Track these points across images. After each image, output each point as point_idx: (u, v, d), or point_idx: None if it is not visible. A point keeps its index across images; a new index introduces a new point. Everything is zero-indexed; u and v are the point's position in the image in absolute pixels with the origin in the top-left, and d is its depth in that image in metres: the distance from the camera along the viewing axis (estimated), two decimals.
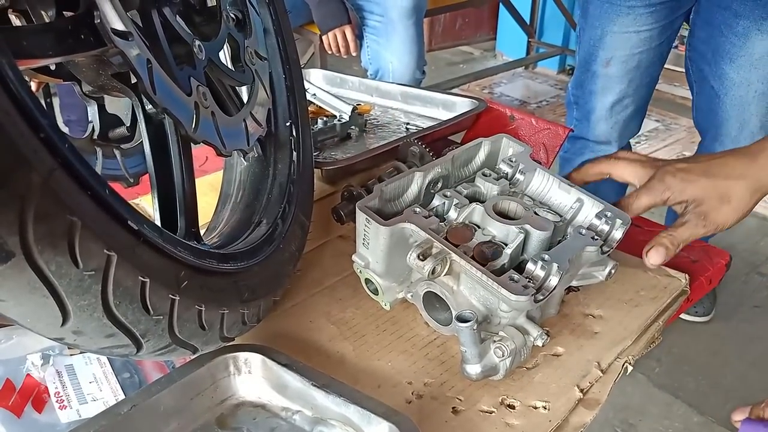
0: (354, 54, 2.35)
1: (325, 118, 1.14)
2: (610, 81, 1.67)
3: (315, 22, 2.33)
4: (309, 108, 1.18)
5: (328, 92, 1.24)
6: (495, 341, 0.65)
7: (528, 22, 4.22)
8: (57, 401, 0.64)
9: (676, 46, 4.08)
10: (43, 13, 0.55)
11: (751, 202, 0.72)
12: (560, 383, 0.68)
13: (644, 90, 1.71)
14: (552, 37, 4.29)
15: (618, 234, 0.72)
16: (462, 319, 0.62)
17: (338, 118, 1.15)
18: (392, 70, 2.31)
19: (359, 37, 2.35)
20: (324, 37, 2.30)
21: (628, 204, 0.77)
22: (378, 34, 2.30)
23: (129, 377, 0.67)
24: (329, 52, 2.37)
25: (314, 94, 1.23)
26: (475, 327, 0.62)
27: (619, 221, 0.72)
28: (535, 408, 0.65)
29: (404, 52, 2.27)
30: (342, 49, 2.30)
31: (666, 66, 1.77)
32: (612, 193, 1.98)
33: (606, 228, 0.72)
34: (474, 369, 0.64)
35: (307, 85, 1.22)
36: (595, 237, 0.70)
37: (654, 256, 0.74)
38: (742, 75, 1.48)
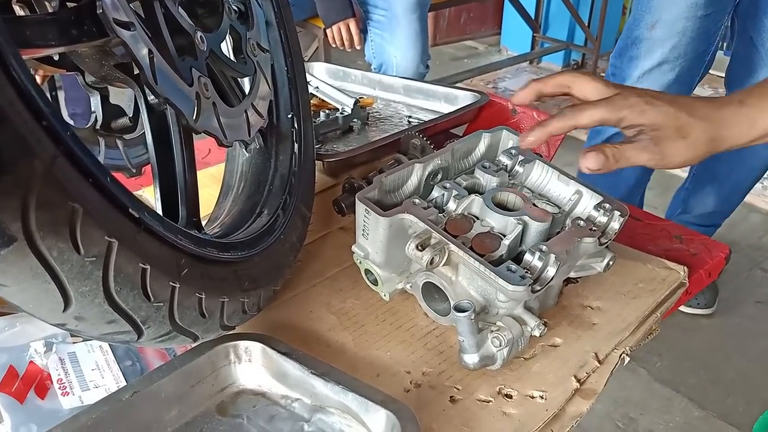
0: (358, 48, 2.35)
1: (327, 111, 1.15)
2: (653, 44, 1.73)
3: (319, 16, 2.34)
4: (312, 101, 1.19)
5: (330, 85, 1.24)
6: (492, 331, 0.65)
7: (533, 17, 4.21)
8: (59, 388, 0.65)
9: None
10: (46, 3, 0.56)
11: (704, 149, 0.68)
12: (557, 373, 0.68)
13: (686, 63, 1.75)
14: (557, 32, 4.28)
15: (616, 225, 0.72)
16: (460, 309, 0.63)
17: (341, 110, 1.16)
18: (396, 65, 2.31)
19: (363, 31, 2.35)
20: (328, 31, 2.30)
21: (582, 109, 0.68)
22: (382, 29, 2.29)
23: (131, 365, 0.68)
24: (333, 46, 2.38)
25: (317, 87, 1.24)
26: (472, 317, 0.62)
27: (617, 213, 0.72)
28: (533, 397, 0.65)
29: (408, 46, 2.27)
30: (346, 43, 2.31)
31: None
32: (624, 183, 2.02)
33: (604, 220, 0.72)
34: (471, 358, 0.65)
35: (310, 78, 1.22)
36: (593, 228, 0.71)
37: (591, 160, 0.66)
38: None
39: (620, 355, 0.70)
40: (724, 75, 1.87)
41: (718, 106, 0.68)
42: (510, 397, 0.66)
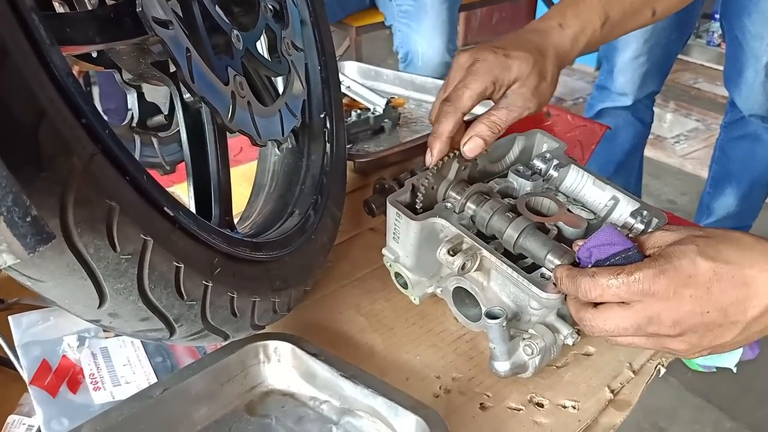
0: None
1: (359, 111, 1.14)
2: (629, 38, 1.86)
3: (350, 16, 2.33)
4: (343, 100, 1.19)
5: (362, 85, 1.24)
6: (524, 339, 0.64)
7: None
8: (91, 383, 0.65)
9: (719, 45, 4.00)
10: (86, 0, 0.57)
11: (557, 73, 0.79)
12: (590, 383, 0.67)
13: (659, 51, 1.89)
14: None
15: None
16: (491, 316, 0.62)
17: (372, 110, 1.15)
18: (421, 53, 2.29)
19: (390, 20, 2.33)
20: None
21: (457, 96, 0.71)
22: (409, 18, 2.29)
23: (161, 361, 0.68)
24: None
25: (349, 87, 1.24)
26: (504, 324, 0.61)
27: (655, 220, 0.70)
28: (564, 407, 0.64)
29: (434, 35, 2.26)
30: None
31: (706, 64, 1.88)
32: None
33: (641, 227, 0.71)
34: (503, 366, 0.64)
35: (341, 77, 1.22)
36: (630, 236, 0.69)
37: (471, 148, 0.71)
38: (757, 28, 1.70)
39: (655, 366, 0.69)
40: (717, 67, 1.94)
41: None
42: (541, 406, 0.64)
